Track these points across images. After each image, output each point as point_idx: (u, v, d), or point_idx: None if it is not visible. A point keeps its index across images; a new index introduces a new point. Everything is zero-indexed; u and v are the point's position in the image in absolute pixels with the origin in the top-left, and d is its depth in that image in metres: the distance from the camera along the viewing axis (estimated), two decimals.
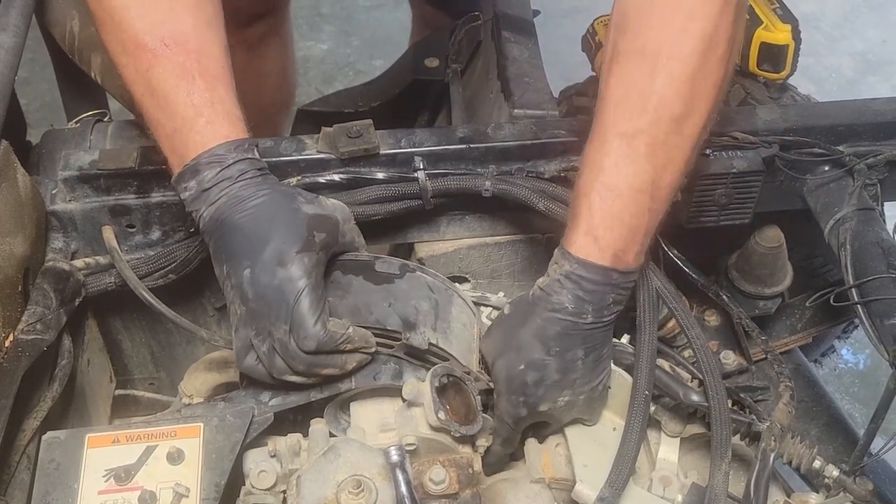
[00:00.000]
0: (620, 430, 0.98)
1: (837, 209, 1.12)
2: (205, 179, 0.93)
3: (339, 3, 3.35)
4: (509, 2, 1.46)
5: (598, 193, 0.93)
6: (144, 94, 0.96)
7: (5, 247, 0.97)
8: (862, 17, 3.45)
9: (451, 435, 0.95)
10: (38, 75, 2.54)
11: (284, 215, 0.93)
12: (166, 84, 0.94)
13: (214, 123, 0.94)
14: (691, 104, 0.92)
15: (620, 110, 0.93)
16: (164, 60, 0.94)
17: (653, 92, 0.91)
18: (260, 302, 0.90)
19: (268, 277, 0.90)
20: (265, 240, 0.91)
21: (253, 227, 0.92)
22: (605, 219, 0.93)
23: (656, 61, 0.92)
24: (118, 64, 0.97)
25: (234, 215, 0.92)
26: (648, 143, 0.92)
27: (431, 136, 1.13)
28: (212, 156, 0.93)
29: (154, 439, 0.93)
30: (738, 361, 1.27)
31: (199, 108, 0.94)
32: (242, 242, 0.92)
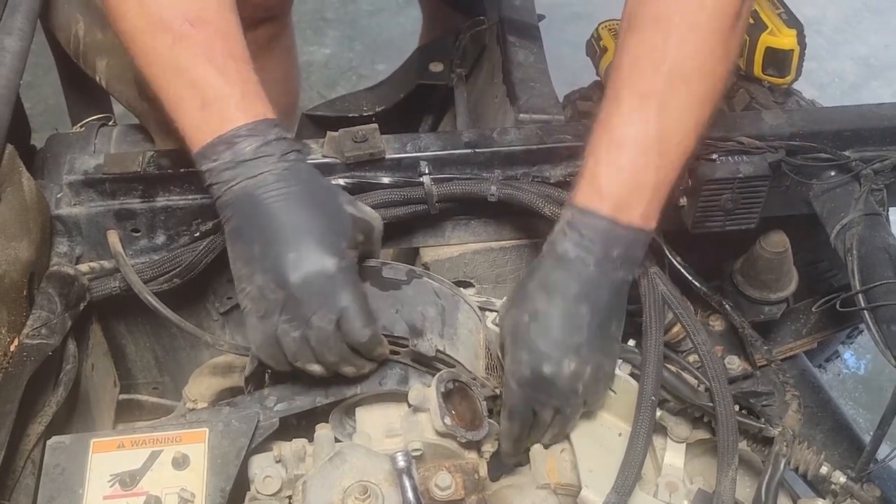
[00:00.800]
0: (626, 436, 0.98)
1: (844, 214, 1.12)
2: (242, 151, 0.91)
3: (343, 8, 3.35)
4: (514, 6, 1.46)
5: (605, 147, 0.95)
6: (167, 72, 0.94)
7: (10, 251, 0.96)
8: (864, 21, 3.45)
9: (457, 440, 0.95)
10: (41, 79, 2.54)
11: (331, 209, 0.93)
12: (194, 61, 0.92)
13: (249, 99, 0.93)
14: (703, 71, 0.96)
15: (634, 72, 0.96)
16: (191, 39, 0.93)
17: (666, 56, 0.95)
18: (305, 289, 0.89)
19: (318, 266, 0.89)
20: (316, 228, 0.90)
21: (300, 213, 0.91)
22: (609, 170, 0.95)
23: (671, 28, 0.95)
24: (137, 44, 0.95)
25: (275, 195, 0.91)
26: (659, 103, 0.94)
27: (437, 141, 1.13)
28: (251, 129, 0.91)
29: (159, 444, 0.93)
30: (742, 367, 1.26)
31: (234, 83, 0.93)
32: (286, 225, 0.90)
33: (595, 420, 1.05)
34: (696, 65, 0.96)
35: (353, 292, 0.91)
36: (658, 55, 0.95)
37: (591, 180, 0.95)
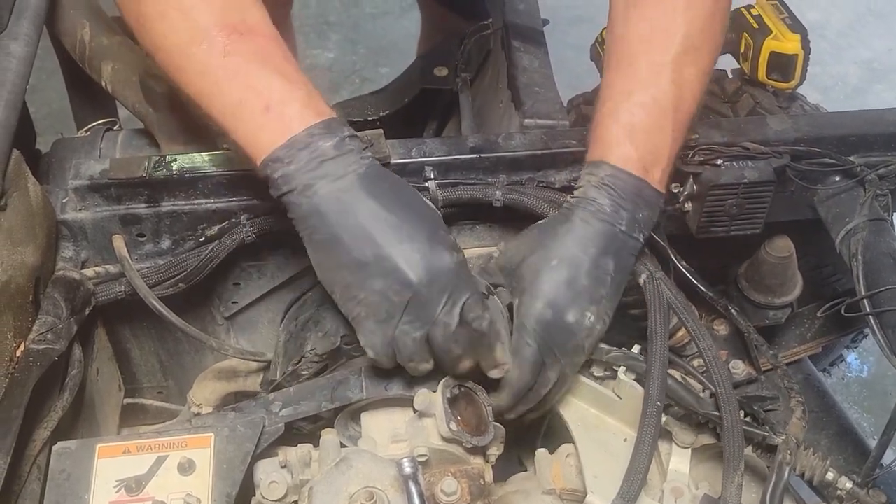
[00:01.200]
0: (631, 441, 0.98)
1: (849, 219, 1.12)
2: (323, 150, 0.88)
3: (346, 12, 3.36)
4: (519, 11, 1.46)
5: (628, 111, 0.99)
6: (221, 80, 0.91)
7: (17, 256, 0.96)
8: (868, 25, 3.45)
9: (463, 446, 0.95)
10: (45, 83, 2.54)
11: (423, 204, 0.94)
12: (249, 66, 0.91)
13: (316, 100, 0.92)
14: (708, 42, 1.03)
15: (647, 44, 1.01)
16: (244, 47, 0.91)
17: (678, 29, 1.01)
18: (434, 287, 0.88)
19: (441, 262, 0.88)
20: (431, 224, 0.90)
21: (401, 211, 0.89)
22: (636, 132, 0.98)
23: (680, 9, 1.01)
24: (181, 57, 0.93)
25: (376, 194, 0.89)
26: (674, 72, 0.99)
27: (442, 146, 1.13)
28: (326, 127, 0.89)
29: (165, 449, 0.93)
30: (747, 371, 1.26)
31: (297, 84, 0.91)
32: (396, 225, 0.88)
33: (600, 425, 1.05)
34: (706, 37, 1.02)
35: (473, 283, 0.92)
36: (672, 27, 1.01)
37: (618, 142, 0.98)
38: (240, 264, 1.18)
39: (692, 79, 1.02)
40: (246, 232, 1.09)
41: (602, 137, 1.01)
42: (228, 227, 1.10)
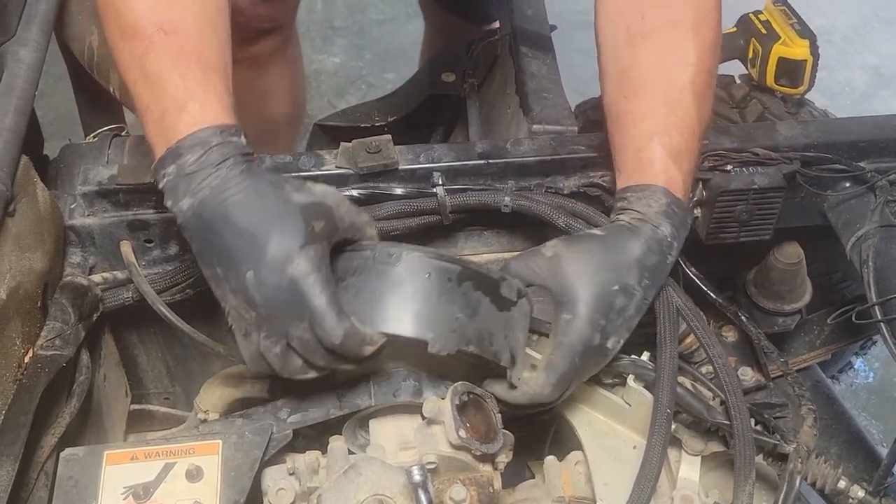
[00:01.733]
0: (641, 449, 0.97)
1: (859, 226, 1.11)
2: (186, 164, 0.87)
3: (352, 17, 3.36)
4: (527, 17, 1.46)
5: (666, 134, 1.00)
6: (138, 80, 0.91)
7: (25, 262, 0.96)
8: (874, 31, 3.45)
9: (472, 453, 0.94)
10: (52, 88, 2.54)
11: (277, 207, 0.87)
12: (160, 67, 0.90)
13: (205, 107, 0.89)
14: (716, 61, 1.07)
15: (663, 70, 1.03)
16: (162, 45, 0.90)
17: (690, 53, 1.03)
18: (270, 305, 0.86)
19: (276, 278, 0.85)
20: (263, 237, 0.85)
21: (245, 224, 0.86)
22: (679, 156, 1.00)
23: (689, 31, 1.04)
24: (115, 50, 0.94)
25: (221, 210, 0.86)
26: (693, 93, 1.02)
27: (450, 152, 1.13)
28: (195, 139, 0.88)
29: (172, 456, 0.92)
30: (756, 378, 1.25)
31: (192, 90, 0.89)
32: (237, 242, 0.86)
33: (610, 433, 1.05)
34: (714, 56, 1.05)
35: (318, 293, 0.85)
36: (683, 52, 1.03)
37: (668, 166, 0.99)
38: None
39: (707, 99, 1.05)
40: None
41: (650, 160, 1.00)
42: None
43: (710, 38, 1.05)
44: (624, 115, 1.04)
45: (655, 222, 0.97)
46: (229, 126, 0.90)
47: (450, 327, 0.91)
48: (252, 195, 0.87)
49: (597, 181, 1.12)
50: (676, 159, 1.00)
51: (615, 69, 1.07)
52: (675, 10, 1.05)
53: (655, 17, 1.05)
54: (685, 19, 1.04)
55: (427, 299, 0.91)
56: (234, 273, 0.87)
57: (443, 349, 0.91)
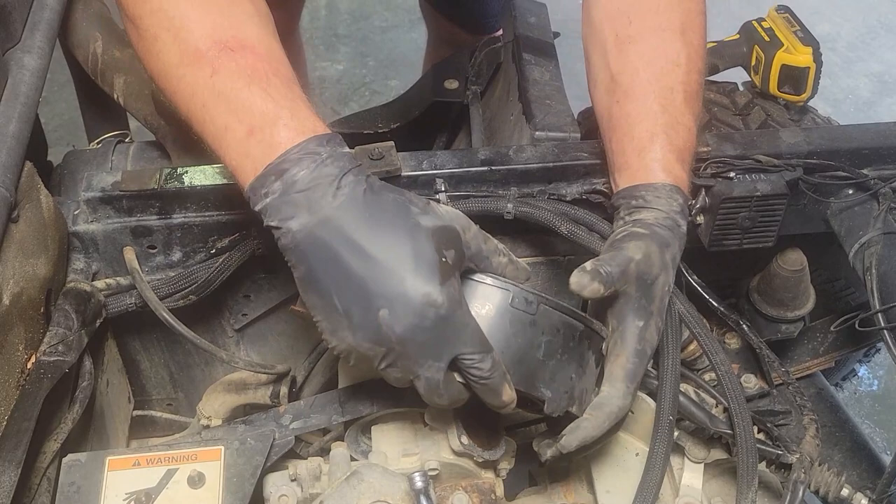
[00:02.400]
0: (643, 456, 0.97)
1: (862, 233, 1.11)
2: (295, 179, 0.80)
3: (355, 24, 3.37)
4: (530, 24, 1.47)
5: (666, 133, 1.00)
6: (209, 103, 0.85)
7: (28, 268, 0.97)
8: (878, 38, 3.46)
9: (474, 460, 0.95)
10: (56, 94, 2.57)
11: (409, 235, 0.80)
12: (237, 84, 0.84)
13: (300, 117, 0.83)
14: (703, 59, 1.08)
15: (655, 72, 1.03)
16: (233, 63, 0.85)
17: (679, 53, 1.04)
18: (409, 344, 0.79)
19: (416, 319, 0.78)
20: (399, 273, 0.78)
21: (376, 253, 0.79)
22: (681, 153, 1.01)
23: (676, 34, 1.05)
24: (174, 80, 0.88)
25: (347, 234, 0.79)
26: (685, 93, 1.03)
27: (453, 158, 1.13)
28: (303, 151, 0.80)
29: (175, 462, 0.92)
30: (759, 385, 1.25)
31: (281, 102, 0.83)
32: (367, 273, 0.78)
33: (612, 440, 1.04)
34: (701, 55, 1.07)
35: (461, 333, 0.80)
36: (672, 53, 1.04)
37: (673, 164, 1.00)
38: (250, 276, 1.18)
39: (698, 99, 1.05)
40: (256, 244, 1.09)
41: (655, 159, 1.00)
42: (239, 238, 1.10)
43: (696, 41, 1.07)
44: (619, 118, 1.04)
45: (678, 221, 0.98)
46: (333, 135, 0.84)
47: (564, 388, 0.88)
48: (381, 219, 0.80)
49: (599, 188, 1.12)
50: (679, 157, 1.01)
51: (605, 74, 1.08)
52: (661, 15, 1.06)
53: (642, 21, 1.06)
54: (672, 23, 1.06)
55: (553, 356, 0.87)
56: (361, 308, 0.79)
57: (555, 412, 0.87)
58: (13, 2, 1.10)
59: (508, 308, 0.84)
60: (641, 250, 0.92)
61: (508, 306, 0.84)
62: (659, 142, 1.00)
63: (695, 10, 1.08)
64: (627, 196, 1.00)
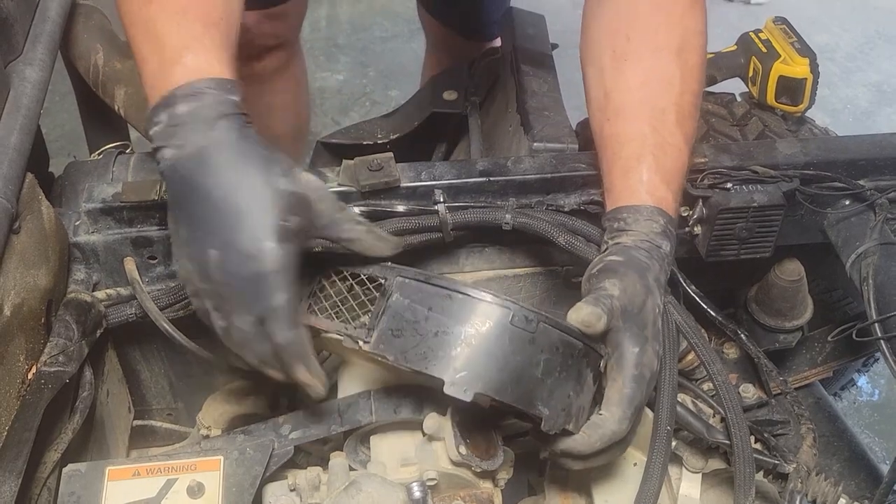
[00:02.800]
0: (642, 466, 0.97)
1: (859, 243, 1.12)
2: (176, 113, 0.84)
3: (355, 35, 3.39)
4: (528, 36, 1.47)
5: (653, 154, 1.00)
6: (138, 33, 0.90)
7: (29, 279, 0.97)
8: (877, 48, 3.47)
9: (472, 470, 0.95)
10: (57, 105, 2.57)
11: (258, 191, 0.84)
12: (161, 18, 0.89)
13: (200, 59, 0.87)
14: (700, 81, 1.07)
15: (648, 92, 1.04)
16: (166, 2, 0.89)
17: (674, 74, 1.04)
18: (225, 288, 0.84)
19: (238, 268, 0.83)
20: (235, 221, 0.83)
21: (221, 198, 0.83)
22: (667, 174, 1.01)
23: (672, 55, 1.05)
24: (120, 7, 0.93)
25: (200, 173, 0.84)
26: (677, 114, 1.03)
27: (451, 169, 1.14)
28: (190, 89, 0.85)
29: (174, 472, 0.93)
30: (757, 395, 1.25)
31: (189, 42, 0.87)
32: (207, 214, 0.84)
33: None
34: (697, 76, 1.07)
35: (279, 293, 0.83)
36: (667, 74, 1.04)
37: (657, 185, 1.00)
38: None
39: (692, 119, 1.05)
40: None
41: (640, 181, 1.00)
42: None
43: (694, 61, 1.06)
44: (609, 137, 1.05)
45: (657, 242, 0.98)
46: (225, 80, 0.87)
47: (562, 406, 0.88)
48: (238, 168, 0.84)
49: (597, 198, 1.13)
50: (665, 178, 1.00)
51: (599, 91, 1.08)
52: (660, 35, 1.06)
53: (641, 40, 1.06)
54: (670, 43, 1.06)
55: (551, 374, 0.87)
56: (197, 244, 0.85)
57: (551, 429, 0.87)
58: (15, 14, 1.10)
59: (508, 326, 0.85)
60: (617, 287, 0.92)
61: (508, 324, 0.85)
62: (645, 163, 1.00)
63: (693, 30, 1.07)
64: (611, 218, 1.01)
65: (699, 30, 1.08)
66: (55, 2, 1.21)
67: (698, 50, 1.08)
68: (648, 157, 1.00)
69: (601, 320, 0.87)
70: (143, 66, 0.90)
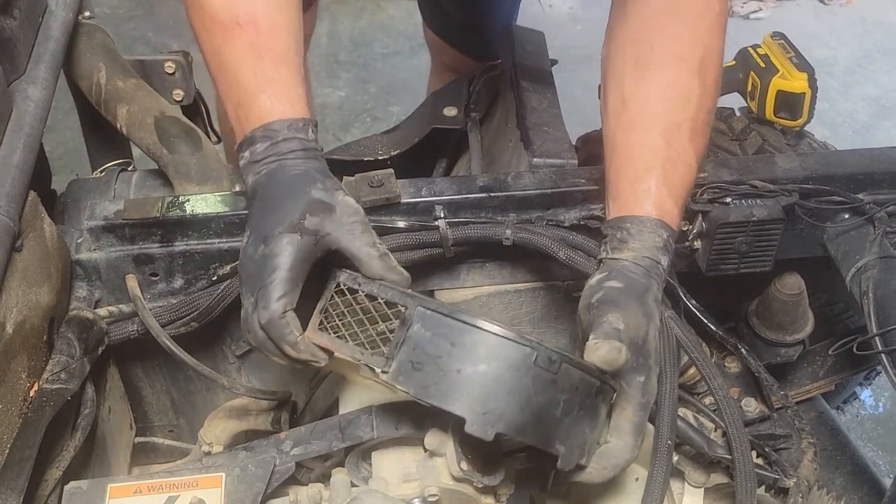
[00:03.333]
0: (643, 481, 0.97)
1: (859, 257, 1.12)
2: (256, 151, 0.98)
3: (356, 51, 3.41)
4: (528, 52, 1.48)
5: (663, 167, 1.02)
6: (216, 71, 1.02)
7: (31, 297, 0.97)
8: (875, 62, 3.48)
9: (474, 485, 0.95)
10: (60, 123, 2.59)
11: (291, 196, 0.95)
12: (235, 60, 1.00)
13: (273, 100, 0.98)
14: (715, 102, 1.09)
15: (666, 104, 1.05)
16: (236, 38, 0.99)
17: (693, 89, 1.05)
18: (244, 271, 0.95)
19: (252, 251, 0.93)
20: (266, 216, 0.94)
21: (264, 202, 0.96)
22: (675, 189, 1.02)
23: (694, 70, 1.05)
24: (198, 41, 1.04)
25: (262, 188, 0.97)
26: (692, 129, 1.04)
27: (452, 185, 1.14)
28: (266, 130, 0.97)
29: (176, 489, 0.93)
30: (759, 409, 1.25)
31: (262, 84, 0.99)
32: (254, 214, 0.97)
33: None
34: (714, 95, 1.07)
35: (272, 273, 0.90)
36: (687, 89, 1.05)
37: (663, 199, 1.01)
38: None
39: (704, 136, 1.06)
40: None
41: (647, 191, 1.01)
42: None
43: (712, 79, 1.07)
44: (622, 145, 1.05)
45: (657, 258, 0.98)
46: (297, 120, 0.99)
47: (578, 442, 0.88)
48: (284, 182, 0.96)
49: (597, 213, 1.13)
50: (672, 192, 1.01)
51: (617, 97, 1.08)
52: (684, 48, 1.06)
53: (665, 49, 1.06)
54: (692, 58, 1.06)
55: (570, 414, 0.87)
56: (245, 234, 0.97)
57: (566, 466, 0.88)
58: (18, 34, 1.11)
59: (532, 366, 0.84)
60: (622, 321, 0.91)
61: (532, 364, 0.84)
62: (655, 175, 1.01)
63: (714, 48, 1.08)
64: (614, 226, 1.02)
65: (719, 49, 1.09)
66: (58, 21, 1.23)
67: (717, 68, 1.08)
68: (658, 168, 1.01)
69: (622, 354, 0.87)
70: (224, 100, 1.03)
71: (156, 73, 1.41)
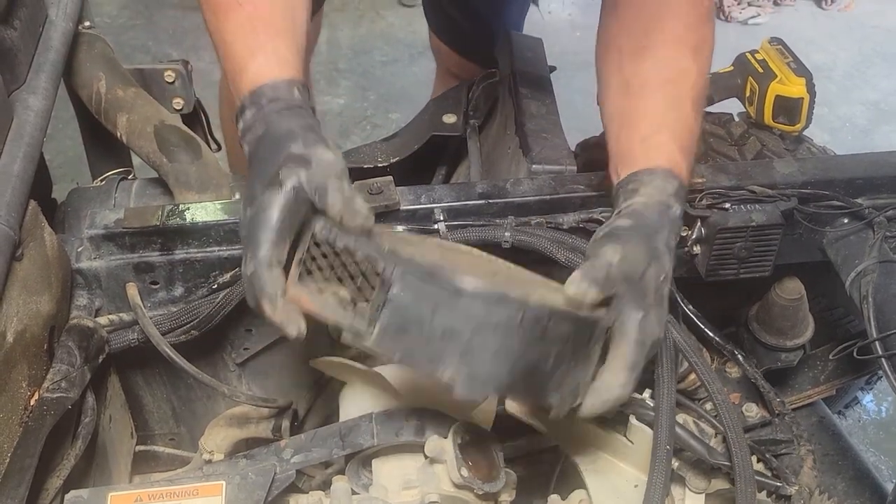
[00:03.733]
0: (643, 487, 0.97)
1: (858, 262, 1.12)
2: (246, 119, 1.00)
3: (356, 59, 3.41)
4: (526, 59, 1.49)
5: (671, 127, 1.04)
6: (219, 45, 1.05)
7: (32, 306, 0.98)
8: (874, 67, 3.49)
9: (474, 492, 0.95)
10: (60, 132, 2.59)
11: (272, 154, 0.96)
12: (232, 35, 1.03)
13: (261, 66, 1.01)
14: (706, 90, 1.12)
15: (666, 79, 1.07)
16: (235, 15, 1.03)
17: (690, 69, 1.08)
18: (241, 234, 0.95)
19: (244, 214, 0.94)
20: (252, 179, 0.95)
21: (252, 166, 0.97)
22: (683, 145, 1.04)
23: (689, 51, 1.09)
24: (206, 24, 1.07)
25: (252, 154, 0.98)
26: (692, 101, 1.07)
27: (451, 192, 1.14)
28: (253, 96, 1.00)
29: (176, 498, 0.93)
30: (761, 414, 1.25)
31: (254, 52, 1.01)
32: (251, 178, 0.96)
33: (612, 471, 1.04)
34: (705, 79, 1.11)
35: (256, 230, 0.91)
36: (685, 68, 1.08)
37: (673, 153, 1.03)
38: (252, 310, 1.18)
39: (700, 113, 1.09)
40: None
41: (658, 146, 1.03)
42: (240, 273, 1.11)
43: (705, 65, 1.10)
44: (628, 113, 1.07)
45: (669, 203, 0.99)
46: (281, 81, 1.00)
47: (571, 388, 0.88)
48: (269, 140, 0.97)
49: (596, 217, 1.13)
50: (681, 149, 1.03)
51: (617, 79, 1.11)
52: (677, 30, 1.09)
53: (660, 32, 1.09)
54: (687, 41, 1.09)
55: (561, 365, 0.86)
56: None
57: (561, 413, 0.88)
58: (19, 44, 1.12)
59: (518, 326, 0.82)
60: (618, 252, 0.91)
61: (518, 324, 0.82)
62: (663, 134, 1.04)
63: (707, 38, 1.11)
64: (626, 183, 1.02)
65: (711, 40, 1.12)
66: (58, 31, 1.23)
67: (709, 57, 1.12)
68: (666, 130, 1.04)
69: (588, 296, 0.87)
70: (226, 75, 1.07)
71: (155, 82, 1.42)
